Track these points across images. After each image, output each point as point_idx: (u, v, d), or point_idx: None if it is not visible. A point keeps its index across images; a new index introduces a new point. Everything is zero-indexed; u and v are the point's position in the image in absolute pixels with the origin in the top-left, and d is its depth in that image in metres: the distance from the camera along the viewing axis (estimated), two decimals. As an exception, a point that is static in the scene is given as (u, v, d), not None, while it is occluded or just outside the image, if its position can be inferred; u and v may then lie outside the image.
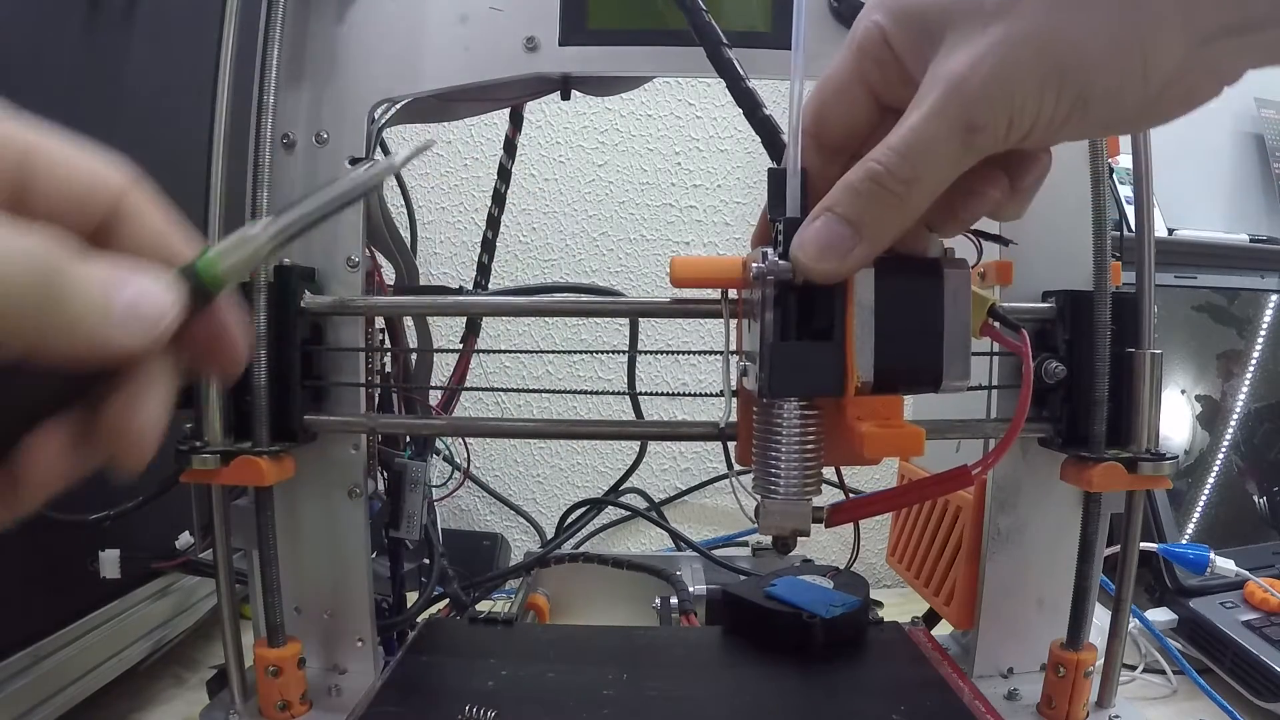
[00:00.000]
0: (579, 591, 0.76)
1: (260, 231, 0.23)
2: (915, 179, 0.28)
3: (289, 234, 0.24)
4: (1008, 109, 0.26)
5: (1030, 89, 0.26)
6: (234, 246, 0.23)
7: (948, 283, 0.32)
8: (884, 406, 0.33)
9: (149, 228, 0.23)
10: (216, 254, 0.23)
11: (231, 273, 0.23)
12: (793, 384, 0.32)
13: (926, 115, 0.27)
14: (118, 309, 0.20)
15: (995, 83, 0.26)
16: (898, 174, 0.28)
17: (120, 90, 0.60)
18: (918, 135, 0.27)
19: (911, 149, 0.27)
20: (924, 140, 0.27)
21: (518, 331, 1.07)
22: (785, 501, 0.34)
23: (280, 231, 0.24)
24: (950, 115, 0.27)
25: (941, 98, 0.27)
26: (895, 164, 0.28)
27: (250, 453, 0.46)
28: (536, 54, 0.50)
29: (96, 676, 0.59)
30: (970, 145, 0.27)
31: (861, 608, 0.57)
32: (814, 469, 0.34)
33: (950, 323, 0.32)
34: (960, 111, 0.26)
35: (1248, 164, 1.18)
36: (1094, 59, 0.25)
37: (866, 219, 0.29)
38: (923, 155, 0.27)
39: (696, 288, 0.41)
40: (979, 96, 0.26)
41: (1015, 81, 0.26)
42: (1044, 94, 0.26)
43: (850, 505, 0.37)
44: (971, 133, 0.27)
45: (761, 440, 0.34)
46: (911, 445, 0.32)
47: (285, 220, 0.24)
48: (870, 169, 0.28)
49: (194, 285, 0.22)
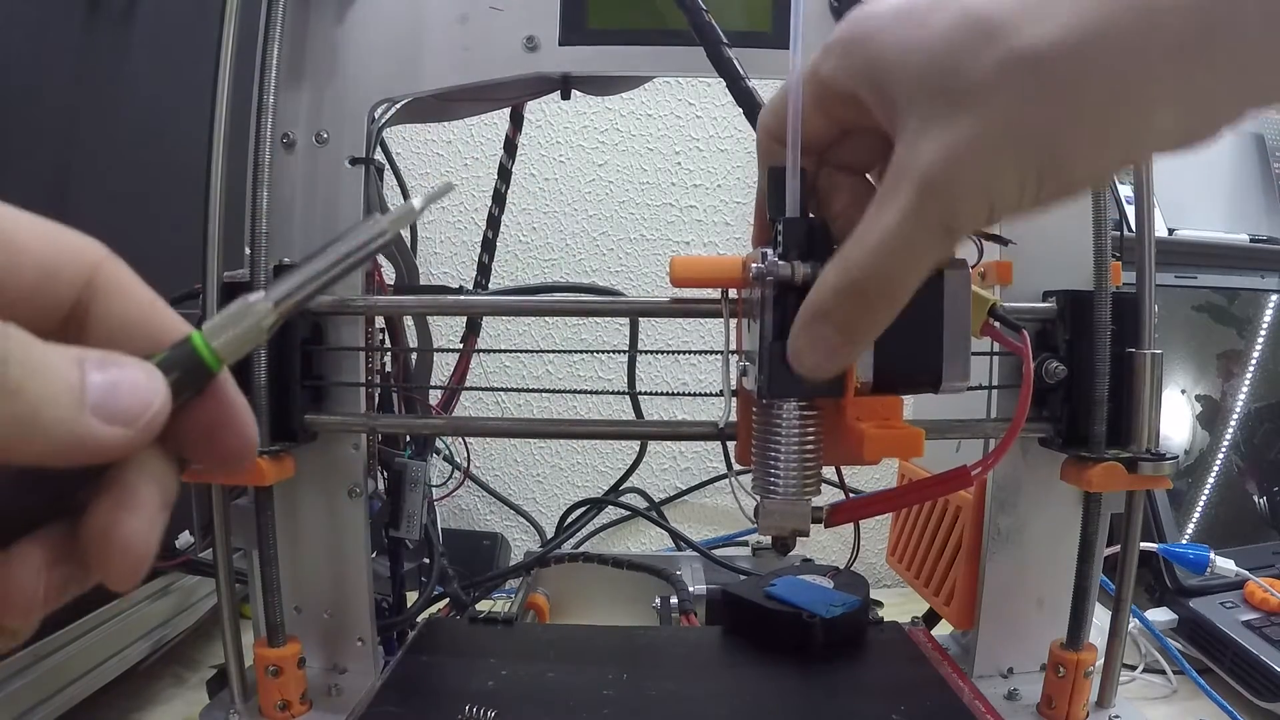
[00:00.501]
0: (579, 591, 0.76)
1: (261, 300, 0.21)
2: (898, 279, 0.27)
3: (295, 301, 0.21)
4: (986, 205, 0.25)
5: (1009, 185, 0.24)
6: (231, 320, 0.20)
7: (947, 284, 0.32)
8: (883, 407, 0.33)
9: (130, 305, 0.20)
10: (211, 329, 0.20)
11: (229, 350, 0.20)
12: (792, 385, 0.32)
13: (903, 218, 0.25)
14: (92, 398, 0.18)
15: (972, 183, 0.24)
16: (880, 277, 0.27)
17: (120, 90, 0.60)
18: (895, 238, 0.26)
19: (892, 254, 0.26)
20: (902, 244, 0.26)
21: (518, 331, 1.07)
22: (784, 502, 0.34)
23: (284, 298, 0.21)
24: (928, 218, 0.25)
25: (917, 199, 0.25)
26: (876, 270, 0.27)
27: (250, 452, 0.45)
28: (536, 54, 0.50)
29: (96, 676, 0.59)
30: (949, 241, 0.26)
31: (861, 608, 0.57)
32: (813, 469, 0.34)
33: (950, 324, 0.32)
34: (939, 214, 0.25)
35: (1248, 164, 1.18)
36: (1079, 155, 0.24)
37: (853, 322, 0.28)
38: (903, 258, 0.26)
39: (696, 287, 0.41)
40: (956, 199, 0.25)
41: (993, 179, 0.24)
42: (1024, 189, 0.24)
43: (850, 505, 0.37)
44: (950, 231, 0.26)
45: (761, 441, 0.34)
46: (911, 446, 0.32)
47: (289, 285, 0.21)
48: (851, 276, 0.27)
49: (186, 367, 0.20)
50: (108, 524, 0.19)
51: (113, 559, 0.19)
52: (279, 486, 0.48)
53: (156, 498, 0.19)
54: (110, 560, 0.19)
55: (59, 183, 0.55)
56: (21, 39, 0.51)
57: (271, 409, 0.47)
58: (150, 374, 0.19)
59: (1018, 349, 0.39)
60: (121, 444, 0.18)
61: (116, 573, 0.19)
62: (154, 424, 0.19)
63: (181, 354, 0.20)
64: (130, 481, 0.19)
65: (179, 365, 0.20)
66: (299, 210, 0.50)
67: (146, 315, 0.20)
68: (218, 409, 0.20)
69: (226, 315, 0.20)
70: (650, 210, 1.09)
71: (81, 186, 0.57)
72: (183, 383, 0.19)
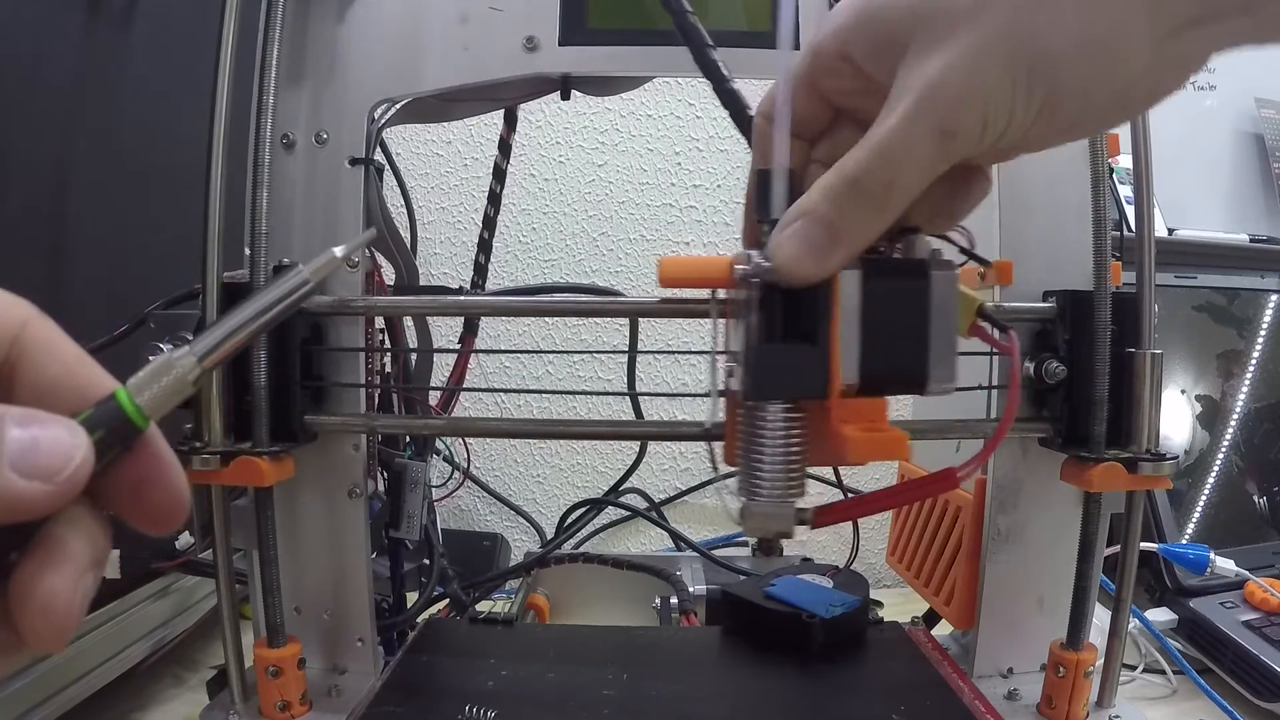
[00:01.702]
0: (579, 591, 0.76)
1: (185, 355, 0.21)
2: (892, 182, 0.28)
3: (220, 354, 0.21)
4: (982, 112, 0.26)
5: (1003, 91, 0.26)
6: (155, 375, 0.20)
7: (934, 285, 0.32)
8: (869, 409, 0.32)
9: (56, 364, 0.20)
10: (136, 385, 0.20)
11: (155, 406, 0.20)
12: (776, 386, 0.32)
13: (902, 120, 0.27)
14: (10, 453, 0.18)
15: (969, 87, 0.26)
16: (875, 177, 0.28)
17: (120, 90, 0.60)
18: (894, 140, 0.27)
19: (888, 153, 0.27)
20: (900, 145, 0.27)
21: (518, 332, 1.07)
22: (769, 504, 0.33)
23: (208, 352, 0.21)
24: (926, 121, 0.27)
25: (916, 103, 0.27)
26: (872, 167, 0.28)
27: (250, 453, 0.46)
28: (536, 54, 0.50)
29: (96, 676, 0.59)
30: (946, 149, 0.27)
31: (861, 607, 0.57)
32: (798, 471, 0.33)
33: (936, 325, 0.32)
34: (935, 117, 0.27)
35: (1248, 164, 1.18)
36: (1063, 59, 0.26)
37: (843, 222, 0.28)
38: (899, 160, 0.27)
39: (685, 288, 0.41)
40: (953, 101, 0.26)
41: (988, 84, 0.26)
42: (1015, 95, 0.26)
43: (837, 507, 0.36)
44: (947, 137, 0.27)
45: (746, 442, 0.34)
46: (895, 450, 0.32)
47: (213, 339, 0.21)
48: (847, 172, 0.28)
49: (112, 424, 0.20)
50: (28, 582, 0.18)
51: (32, 617, 0.18)
52: (279, 487, 0.48)
53: (84, 556, 0.19)
54: (28, 618, 0.18)
55: (59, 183, 0.55)
56: (21, 39, 0.51)
57: (271, 409, 0.47)
58: (73, 430, 0.19)
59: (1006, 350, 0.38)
60: (42, 499, 0.18)
61: (36, 632, 0.18)
62: (75, 479, 0.18)
63: (107, 411, 0.20)
64: (57, 539, 0.19)
65: (104, 422, 0.20)
66: (299, 210, 0.50)
67: (74, 373, 0.20)
68: (146, 465, 0.20)
69: (150, 371, 0.20)
70: (650, 210, 1.09)
71: (81, 186, 0.57)
72: (109, 440, 0.19)
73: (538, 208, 1.08)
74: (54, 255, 0.55)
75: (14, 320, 0.20)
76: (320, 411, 0.50)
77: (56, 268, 0.55)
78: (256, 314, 0.22)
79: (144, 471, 0.20)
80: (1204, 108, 1.18)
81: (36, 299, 0.21)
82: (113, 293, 0.59)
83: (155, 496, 0.21)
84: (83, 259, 0.57)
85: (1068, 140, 0.30)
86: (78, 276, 0.57)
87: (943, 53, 0.26)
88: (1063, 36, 0.25)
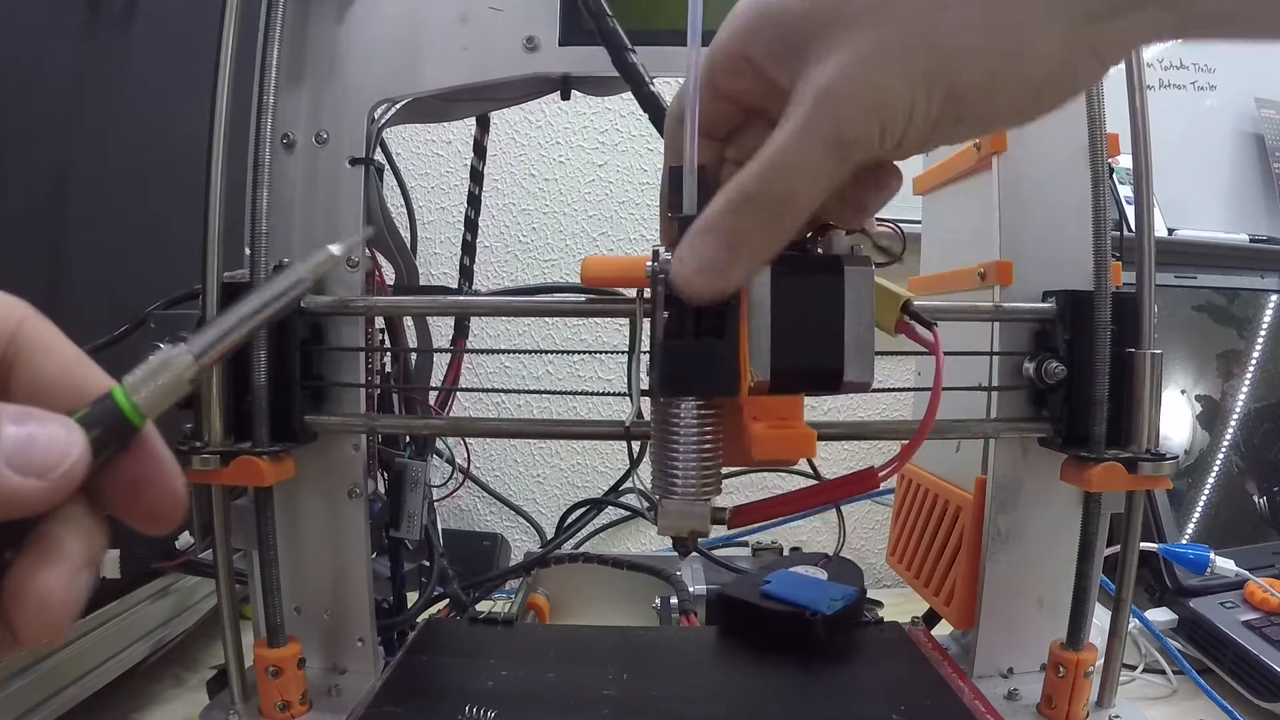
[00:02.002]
0: (579, 591, 0.76)
1: (182, 354, 0.21)
2: (789, 196, 0.27)
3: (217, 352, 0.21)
4: (878, 118, 0.25)
5: (900, 96, 0.25)
6: (152, 374, 0.20)
7: (848, 278, 0.32)
8: (782, 407, 0.32)
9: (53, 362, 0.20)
10: (133, 383, 0.20)
11: (151, 404, 0.20)
12: (683, 384, 0.32)
13: (797, 131, 0.26)
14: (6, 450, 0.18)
15: (864, 94, 0.25)
16: (770, 192, 0.27)
17: (120, 91, 0.60)
18: (789, 152, 0.26)
19: (783, 167, 0.26)
20: (796, 157, 0.26)
21: (518, 332, 1.07)
22: (683, 502, 0.33)
23: (205, 350, 0.21)
24: (821, 130, 0.26)
25: (810, 112, 0.26)
26: (767, 182, 0.27)
27: (250, 453, 0.46)
28: (536, 54, 0.50)
29: (96, 676, 0.59)
30: (843, 159, 0.26)
31: (859, 598, 0.57)
32: (712, 469, 0.33)
33: (852, 322, 0.31)
34: (831, 126, 0.26)
35: (1248, 164, 1.18)
36: (962, 59, 0.24)
37: (741, 239, 0.28)
38: (795, 172, 0.26)
39: (609, 286, 0.41)
40: (848, 108, 0.25)
41: (884, 91, 0.25)
42: (915, 99, 0.25)
43: (756, 507, 0.36)
44: (842, 145, 0.26)
45: (659, 440, 0.34)
46: (802, 447, 0.32)
47: (210, 337, 0.21)
48: (744, 188, 0.27)
49: (109, 422, 0.20)
50: (23, 578, 0.19)
51: (27, 615, 0.18)
52: (279, 487, 0.48)
53: (80, 554, 0.19)
54: (23, 614, 0.18)
55: (59, 183, 0.55)
56: (22, 39, 0.51)
57: (271, 409, 0.47)
58: (69, 428, 0.19)
59: (930, 346, 0.38)
60: (37, 496, 0.18)
61: (30, 628, 0.19)
62: (71, 476, 0.18)
63: (103, 409, 0.20)
64: (53, 536, 0.19)
65: (101, 420, 0.20)
66: (299, 210, 0.50)
67: (70, 371, 0.20)
68: (143, 464, 0.20)
69: (147, 369, 0.20)
70: (650, 210, 1.08)
71: (81, 187, 0.57)
72: (106, 438, 0.19)
73: (538, 208, 1.08)
74: (54, 255, 0.55)
75: (10, 319, 0.20)
76: (320, 411, 0.50)
77: (56, 268, 0.55)
78: (253, 311, 0.22)
79: (141, 470, 0.20)
80: (1204, 108, 1.18)
81: (36, 299, 0.21)
82: (113, 293, 0.59)
83: (152, 495, 0.21)
84: (83, 259, 0.57)
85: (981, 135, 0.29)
86: (78, 276, 0.57)
87: (837, 58, 0.25)
88: (962, 37, 0.24)
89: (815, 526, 1.08)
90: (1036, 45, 0.24)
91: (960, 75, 0.25)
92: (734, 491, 0.98)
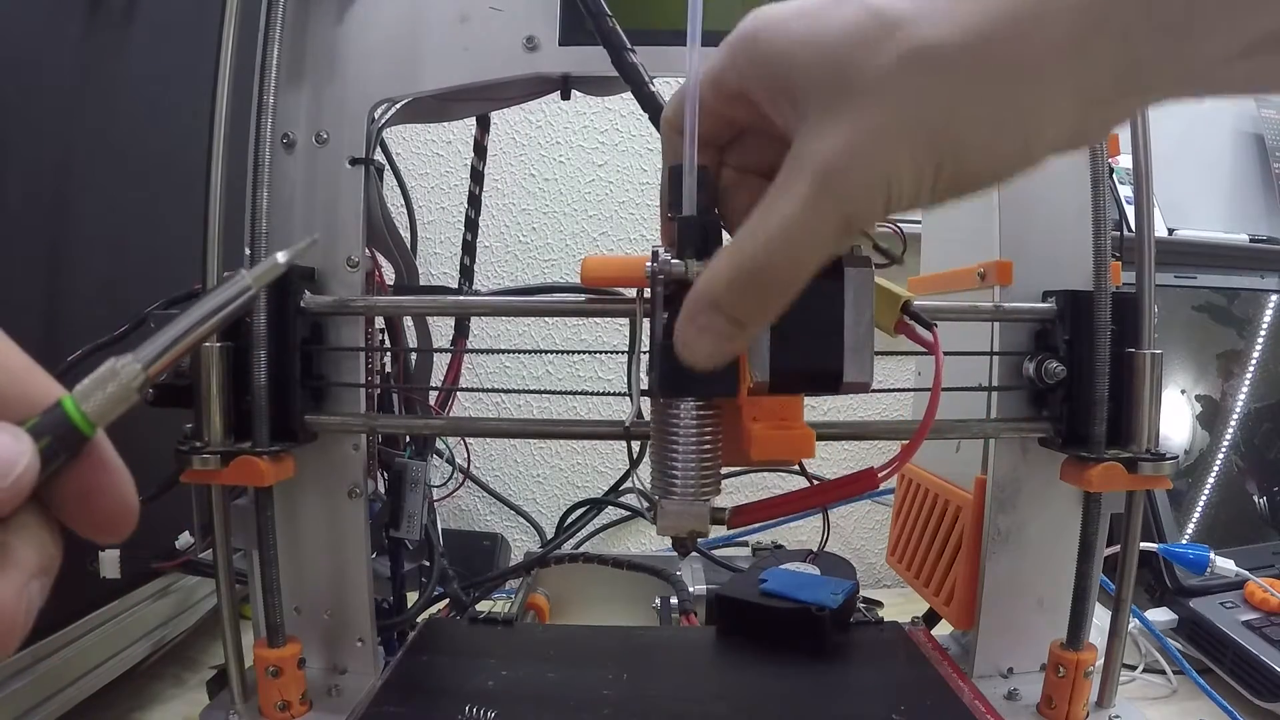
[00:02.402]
0: (579, 591, 0.76)
1: (129, 362, 0.21)
2: (794, 268, 0.27)
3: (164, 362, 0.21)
4: (884, 194, 0.25)
5: (906, 175, 0.24)
6: (98, 383, 0.20)
7: (849, 280, 0.31)
8: (782, 407, 0.32)
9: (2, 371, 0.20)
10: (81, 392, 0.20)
11: (101, 413, 0.20)
12: (683, 385, 0.32)
13: (803, 207, 0.25)
14: None
15: (872, 173, 0.25)
16: (776, 267, 0.26)
17: (120, 90, 0.60)
18: (792, 228, 0.26)
19: (787, 241, 0.26)
20: (802, 232, 0.26)
21: (518, 332, 1.07)
22: (682, 502, 0.33)
23: (152, 360, 0.21)
24: (825, 208, 0.25)
25: (815, 189, 0.25)
26: (773, 255, 0.26)
27: (250, 453, 0.46)
28: (536, 54, 0.50)
29: (96, 676, 0.59)
30: (849, 230, 0.26)
31: (856, 589, 0.58)
32: (711, 470, 0.33)
33: (851, 322, 0.31)
34: (836, 205, 0.25)
35: (1248, 164, 1.18)
36: (974, 143, 0.24)
37: (748, 312, 0.28)
38: (801, 246, 0.26)
39: (609, 286, 0.40)
40: (855, 188, 0.25)
41: (890, 169, 0.24)
42: (921, 178, 0.25)
43: (755, 507, 0.36)
44: (848, 220, 0.26)
45: (658, 440, 0.34)
46: (801, 448, 0.32)
47: (157, 346, 0.21)
48: (747, 262, 0.27)
49: (58, 432, 0.20)
50: None
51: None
52: (279, 487, 0.48)
53: (31, 563, 0.19)
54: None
55: (59, 182, 0.55)
56: (22, 39, 0.51)
57: (271, 409, 0.47)
58: (17, 437, 0.19)
59: (930, 347, 0.38)
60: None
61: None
62: (20, 486, 0.19)
63: (53, 418, 0.20)
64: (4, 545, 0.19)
65: (50, 429, 0.20)
66: (299, 210, 0.50)
67: (20, 380, 0.20)
68: (94, 473, 0.20)
69: (95, 379, 0.21)
70: (650, 210, 1.08)
71: (81, 187, 0.57)
72: (56, 447, 0.20)
73: (538, 208, 1.08)
74: (54, 255, 0.55)
75: None
76: (320, 411, 0.50)
77: (56, 267, 0.55)
78: (199, 320, 0.22)
79: (92, 479, 0.20)
80: (1204, 108, 1.18)
81: (37, 299, 0.21)
82: (113, 293, 0.59)
83: (103, 504, 0.21)
84: (83, 259, 0.57)
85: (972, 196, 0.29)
86: (78, 276, 0.57)
87: (842, 130, 0.24)
88: (974, 120, 0.24)
89: (815, 526, 1.08)
90: (1046, 130, 0.24)
91: (968, 161, 0.25)
92: (734, 491, 0.98)
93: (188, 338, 0.22)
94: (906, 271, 0.58)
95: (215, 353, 0.45)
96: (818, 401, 0.40)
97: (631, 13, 0.48)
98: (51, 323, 0.54)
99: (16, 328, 0.21)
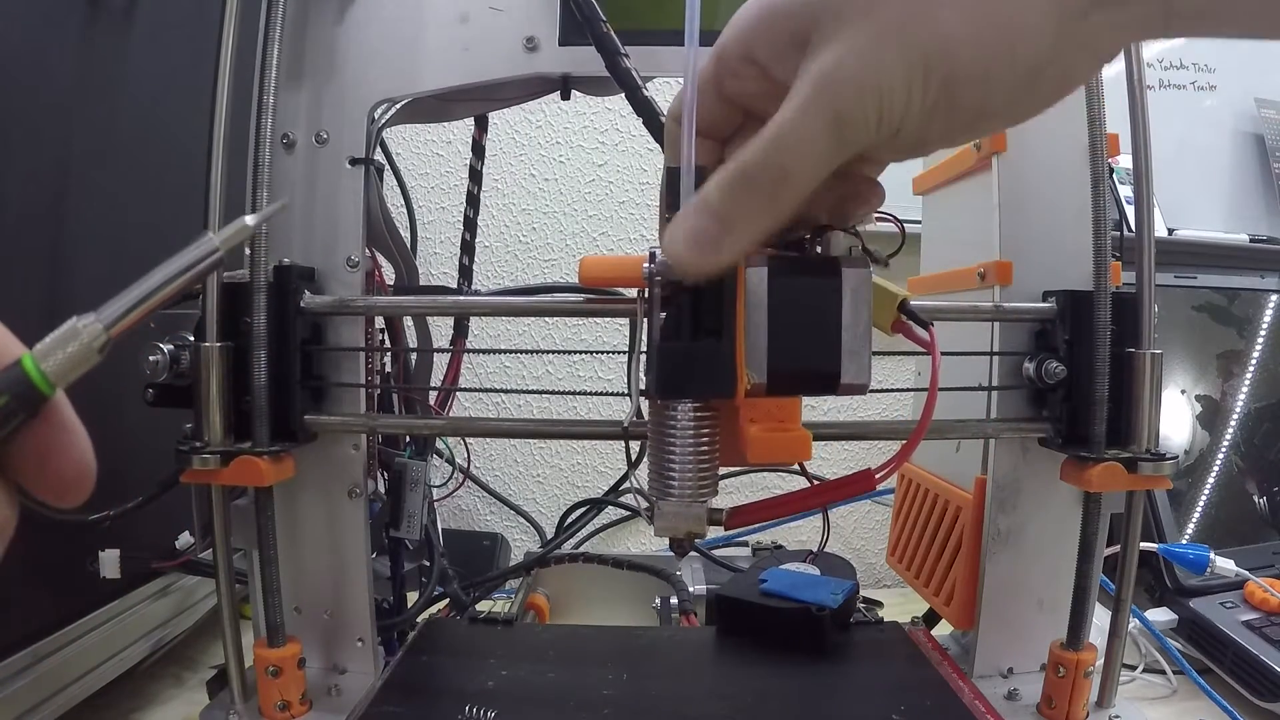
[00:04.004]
0: (579, 591, 0.76)
1: (92, 322, 0.21)
2: (784, 173, 0.27)
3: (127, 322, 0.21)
4: (876, 100, 0.26)
5: (897, 78, 0.26)
6: (59, 342, 0.20)
7: (846, 282, 0.31)
8: (779, 409, 0.32)
9: None
10: (41, 351, 0.20)
11: (60, 372, 0.20)
12: (680, 386, 0.32)
13: (796, 110, 0.27)
14: None
15: (862, 74, 0.26)
16: (767, 168, 0.27)
17: (120, 90, 0.60)
18: (787, 130, 0.27)
19: (781, 144, 0.27)
20: (793, 134, 0.27)
21: (518, 332, 1.07)
22: (679, 503, 0.33)
23: (115, 320, 0.21)
24: (819, 109, 0.26)
25: (810, 92, 0.26)
26: (765, 157, 0.27)
27: (250, 453, 0.46)
28: (536, 54, 0.50)
29: (96, 676, 0.59)
30: (840, 139, 0.27)
31: (856, 589, 0.58)
32: (708, 471, 0.33)
33: (849, 323, 0.31)
34: (829, 105, 0.26)
35: (1248, 164, 1.18)
36: (957, 44, 0.25)
37: (734, 213, 0.28)
38: (792, 149, 0.27)
39: (606, 287, 0.40)
40: (847, 89, 0.26)
41: (882, 72, 0.26)
42: (911, 82, 0.26)
43: (751, 508, 0.36)
44: (841, 126, 0.26)
45: (656, 441, 0.34)
46: (798, 450, 0.32)
47: (120, 306, 0.21)
48: (740, 164, 0.28)
49: (17, 390, 0.19)
50: None
51: None
52: (279, 487, 0.48)
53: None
54: None
55: (59, 182, 0.55)
56: (21, 39, 0.51)
57: (271, 409, 0.47)
58: None
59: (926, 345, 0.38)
60: None
61: None
62: None
63: (12, 376, 0.19)
64: None
65: (8, 387, 0.19)
66: (299, 210, 0.50)
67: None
68: (53, 433, 0.20)
69: (56, 338, 0.20)
70: (650, 210, 1.08)
71: (81, 186, 0.57)
72: (14, 406, 0.19)
73: (538, 208, 1.08)
74: (54, 255, 0.55)
75: None
76: (320, 411, 0.50)
77: (56, 268, 0.55)
78: (164, 281, 0.22)
79: (50, 439, 0.20)
80: (1204, 108, 1.18)
81: (37, 299, 0.21)
82: (113, 293, 0.59)
83: (61, 465, 0.20)
84: (83, 259, 0.57)
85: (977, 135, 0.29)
86: (78, 276, 0.57)
87: (837, 45, 0.26)
88: (958, 21, 0.25)
89: (815, 526, 1.08)
90: (1027, 36, 0.25)
91: (955, 63, 0.25)
92: (734, 491, 0.98)
93: (152, 298, 0.22)
94: (907, 271, 0.58)
95: (215, 353, 0.45)
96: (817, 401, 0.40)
97: (629, 13, 0.48)
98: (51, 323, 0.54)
99: (16, 328, 0.21)
